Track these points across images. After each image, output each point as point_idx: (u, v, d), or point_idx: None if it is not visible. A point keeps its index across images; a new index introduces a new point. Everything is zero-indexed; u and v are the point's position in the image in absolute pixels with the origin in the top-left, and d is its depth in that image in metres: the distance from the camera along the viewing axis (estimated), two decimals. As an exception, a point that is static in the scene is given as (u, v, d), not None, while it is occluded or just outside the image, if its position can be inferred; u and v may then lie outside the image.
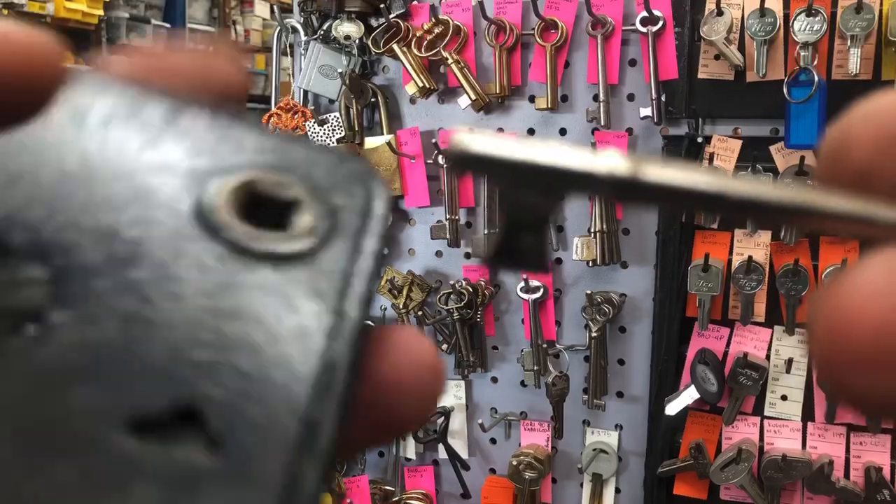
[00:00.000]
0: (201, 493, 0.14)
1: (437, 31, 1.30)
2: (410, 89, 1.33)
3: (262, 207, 0.17)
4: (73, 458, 0.14)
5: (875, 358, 0.13)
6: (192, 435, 0.14)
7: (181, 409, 0.14)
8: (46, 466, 0.13)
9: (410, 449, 1.46)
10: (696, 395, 1.23)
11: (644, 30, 1.21)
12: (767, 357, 1.24)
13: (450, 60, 1.28)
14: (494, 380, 1.41)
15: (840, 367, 0.13)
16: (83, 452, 0.14)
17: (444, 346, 1.39)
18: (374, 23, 1.35)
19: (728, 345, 1.25)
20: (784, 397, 1.24)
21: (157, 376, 0.15)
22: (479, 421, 1.43)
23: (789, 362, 1.23)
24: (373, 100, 1.37)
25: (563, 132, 1.30)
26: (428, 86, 1.31)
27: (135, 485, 0.14)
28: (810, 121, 1.16)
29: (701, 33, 1.19)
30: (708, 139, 1.22)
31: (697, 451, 1.25)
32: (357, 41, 1.35)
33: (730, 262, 1.22)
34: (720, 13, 1.17)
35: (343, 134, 1.37)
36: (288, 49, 1.46)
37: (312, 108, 1.41)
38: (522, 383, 1.38)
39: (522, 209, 0.16)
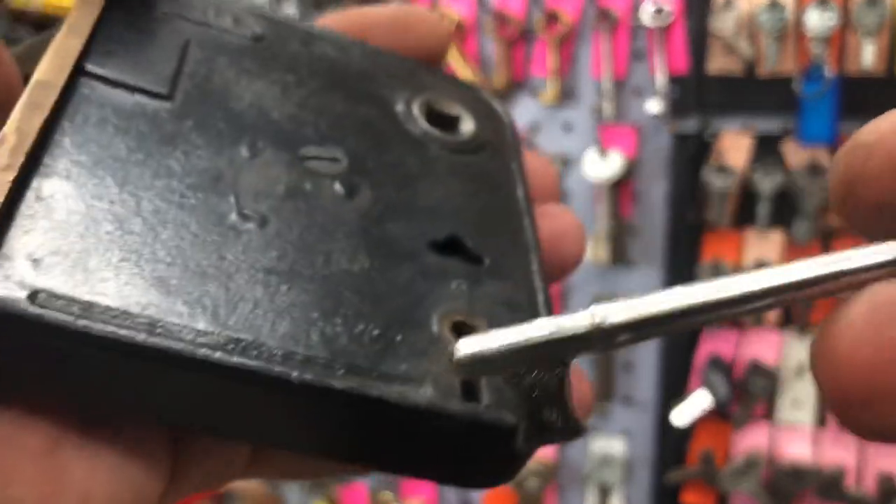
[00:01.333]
0: (485, 281, 0.21)
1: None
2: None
3: (437, 118, 0.26)
4: (407, 265, 0.21)
5: (867, 398, 0.14)
6: (460, 255, 0.22)
7: (452, 238, 0.22)
8: (394, 269, 0.20)
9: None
10: (709, 406, 1.19)
11: (651, 23, 1.18)
12: (779, 361, 1.21)
13: (449, 54, 1.25)
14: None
15: (841, 407, 0.14)
16: (410, 262, 0.21)
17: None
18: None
19: (738, 348, 1.22)
20: (795, 403, 1.21)
21: (433, 220, 0.22)
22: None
23: (800, 367, 1.20)
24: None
25: (567, 127, 1.27)
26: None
27: (449, 279, 0.21)
28: (823, 116, 1.13)
29: (709, 27, 1.16)
30: (718, 135, 1.19)
31: (706, 458, 1.22)
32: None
33: (740, 262, 1.19)
34: (730, 6, 1.14)
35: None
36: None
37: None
38: (525, 388, 1.35)
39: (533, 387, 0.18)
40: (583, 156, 1.24)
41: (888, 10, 1.08)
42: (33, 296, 0.16)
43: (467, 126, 0.26)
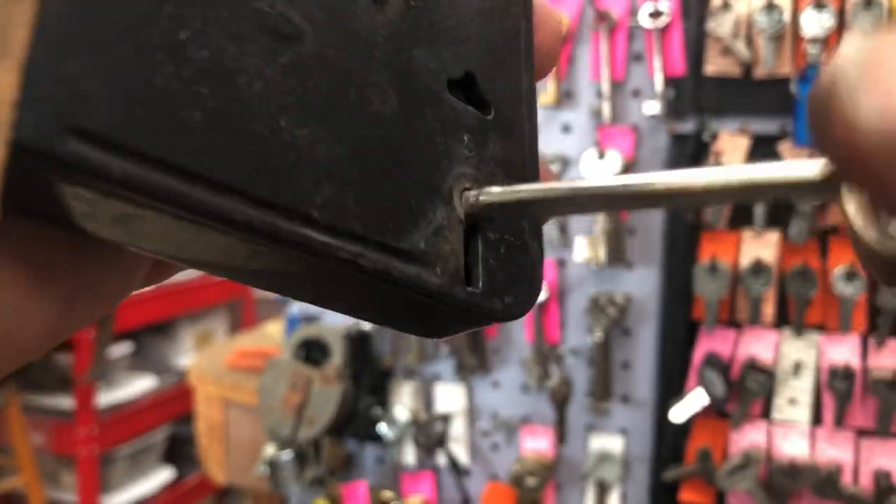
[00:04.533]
0: (489, 138, 0.22)
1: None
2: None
3: None
4: (429, 110, 0.20)
5: None
6: (472, 98, 0.22)
7: (468, 76, 0.21)
8: (418, 115, 0.20)
9: (410, 454, 1.42)
10: (705, 402, 1.20)
11: (649, 25, 1.19)
12: (775, 360, 1.21)
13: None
14: (496, 384, 1.38)
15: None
16: (432, 106, 0.20)
17: (444, 349, 1.36)
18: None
19: (735, 347, 1.23)
20: (792, 401, 1.22)
21: (454, 49, 0.21)
22: (481, 425, 1.40)
23: (797, 365, 1.21)
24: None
25: (566, 128, 1.28)
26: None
27: (462, 133, 0.21)
28: (819, 118, 1.13)
29: (707, 28, 1.16)
30: (715, 136, 1.19)
31: (704, 456, 1.23)
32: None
33: (737, 262, 1.20)
34: (727, 8, 1.15)
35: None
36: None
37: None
38: (525, 387, 1.36)
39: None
40: (581, 157, 1.25)
41: (884, 12, 1.09)
42: (68, 133, 0.14)
43: None
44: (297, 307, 1.45)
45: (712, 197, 0.17)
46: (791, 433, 1.22)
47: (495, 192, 0.20)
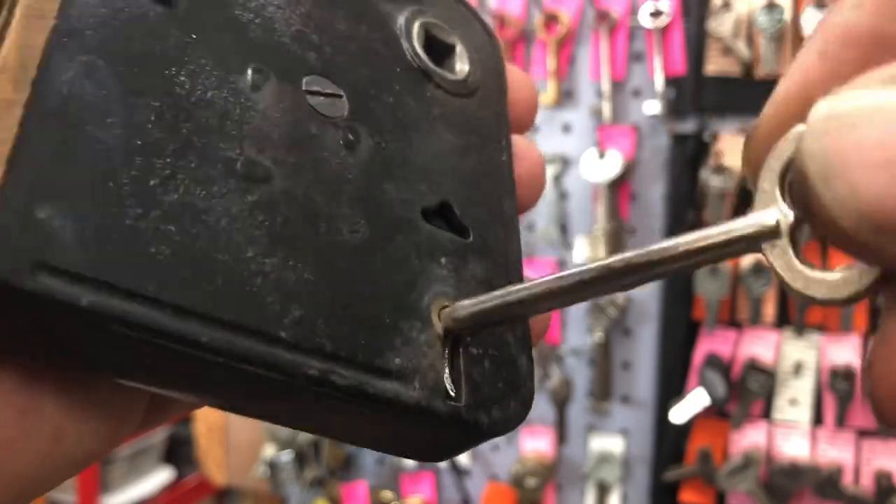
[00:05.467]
0: (469, 260, 0.22)
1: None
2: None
3: (432, 45, 0.25)
4: (402, 237, 0.21)
5: None
6: (447, 224, 0.22)
7: (442, 204, 0.22)
8: (390, 241, 0.21)
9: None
10: (706, 403, 1.20)
11: (650, 24, 1.19)
12: (776, 360, 1.21)
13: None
14: (495, 384, 1.38)
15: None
16: (405, 233, 0.21)
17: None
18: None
19: (736, 347, 1.22)
20: (793, 401, 1.22)
21: (428, 181, 0.22)
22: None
23: (798, 366, 1.20)
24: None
25: (567, 128, 1.28)
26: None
27: (438, 255, 0.21)
28: (820, 117, 1.13)
29: (707, 28, 1.16)
30: (715, 136, 1.19)
31: (704, 457, 1.23)
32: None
33: (737, 262, 1.20)
34: (728, 7, 1.15)
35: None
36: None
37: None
38: (524, 387, 1.35)
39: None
40: (581, 156, 1.25)
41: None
42: (36, 268, 0.15)
43: (462, 65, 0.26)
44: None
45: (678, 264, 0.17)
46: (792, 434, 1.22)
47: (465, 304, 0.20)
